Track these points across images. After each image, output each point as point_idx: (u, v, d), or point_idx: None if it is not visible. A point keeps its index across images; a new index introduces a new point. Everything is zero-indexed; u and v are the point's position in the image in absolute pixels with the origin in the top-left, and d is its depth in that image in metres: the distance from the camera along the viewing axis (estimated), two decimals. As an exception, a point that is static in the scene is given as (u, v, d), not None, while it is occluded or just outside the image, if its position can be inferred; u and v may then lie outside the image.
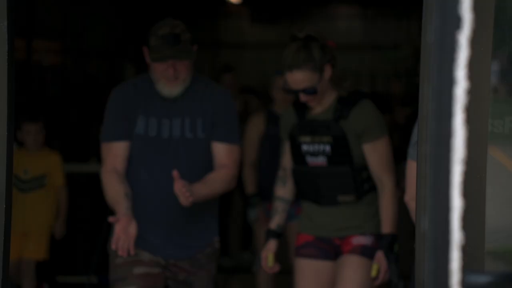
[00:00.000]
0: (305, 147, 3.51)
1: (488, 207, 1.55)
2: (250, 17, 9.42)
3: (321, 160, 3.49)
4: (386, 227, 3.47)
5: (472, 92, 1.07)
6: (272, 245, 3.59)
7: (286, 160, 3.63)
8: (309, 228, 3.59)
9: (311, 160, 3.50)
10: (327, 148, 3.47)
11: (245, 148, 5.09)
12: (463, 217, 1.12)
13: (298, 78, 3.41)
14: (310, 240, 3.57)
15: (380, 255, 3.43)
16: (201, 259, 3.47)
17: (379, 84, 9.41)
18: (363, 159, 3.48)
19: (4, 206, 2.94)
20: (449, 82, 1.07)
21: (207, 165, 3.46)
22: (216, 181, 3.40)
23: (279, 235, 3.63)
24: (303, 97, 3.44)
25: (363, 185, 3.50)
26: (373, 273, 3.44)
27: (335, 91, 3.53)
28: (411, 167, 3.02)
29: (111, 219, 3.24)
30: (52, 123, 8.43)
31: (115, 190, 3.36)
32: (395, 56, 9.41)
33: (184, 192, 3.16)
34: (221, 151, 3.45)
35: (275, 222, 3.63)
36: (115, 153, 3.43)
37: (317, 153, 3.49)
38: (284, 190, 3.66)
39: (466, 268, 1.12)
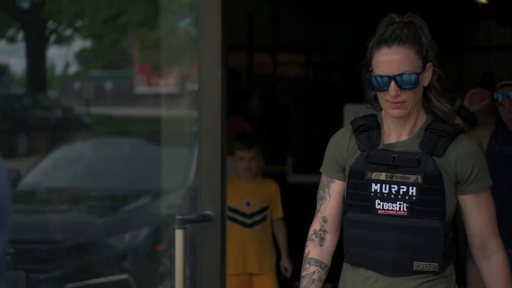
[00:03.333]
0: (375, 187, 2.49)
1: None
2: (496, 18, 9.11)
3: (399, 208, 2.47)
4: None
5: None
6: None
7: (330, 207, 2.62)
8: None
9: (383, 207, 2.49)
10: (412, 190, 2.45)
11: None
12: None
13: (397, 57, 2.41)
14: None
15: None
16: None
17: None
18: (451, 214, 2.52)
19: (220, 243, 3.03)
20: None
21: None
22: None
23: None
24: (393, 91, 2.41)
25: (448, 250, 2.51)
26: None
27: (425, 113, 2.55)
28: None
29: None
30: (294, 133, 8.73)
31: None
32: None
33: None
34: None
35: None
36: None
37: (395, 197, 2.47)
38: (320, 251, 2.64)
39: None
